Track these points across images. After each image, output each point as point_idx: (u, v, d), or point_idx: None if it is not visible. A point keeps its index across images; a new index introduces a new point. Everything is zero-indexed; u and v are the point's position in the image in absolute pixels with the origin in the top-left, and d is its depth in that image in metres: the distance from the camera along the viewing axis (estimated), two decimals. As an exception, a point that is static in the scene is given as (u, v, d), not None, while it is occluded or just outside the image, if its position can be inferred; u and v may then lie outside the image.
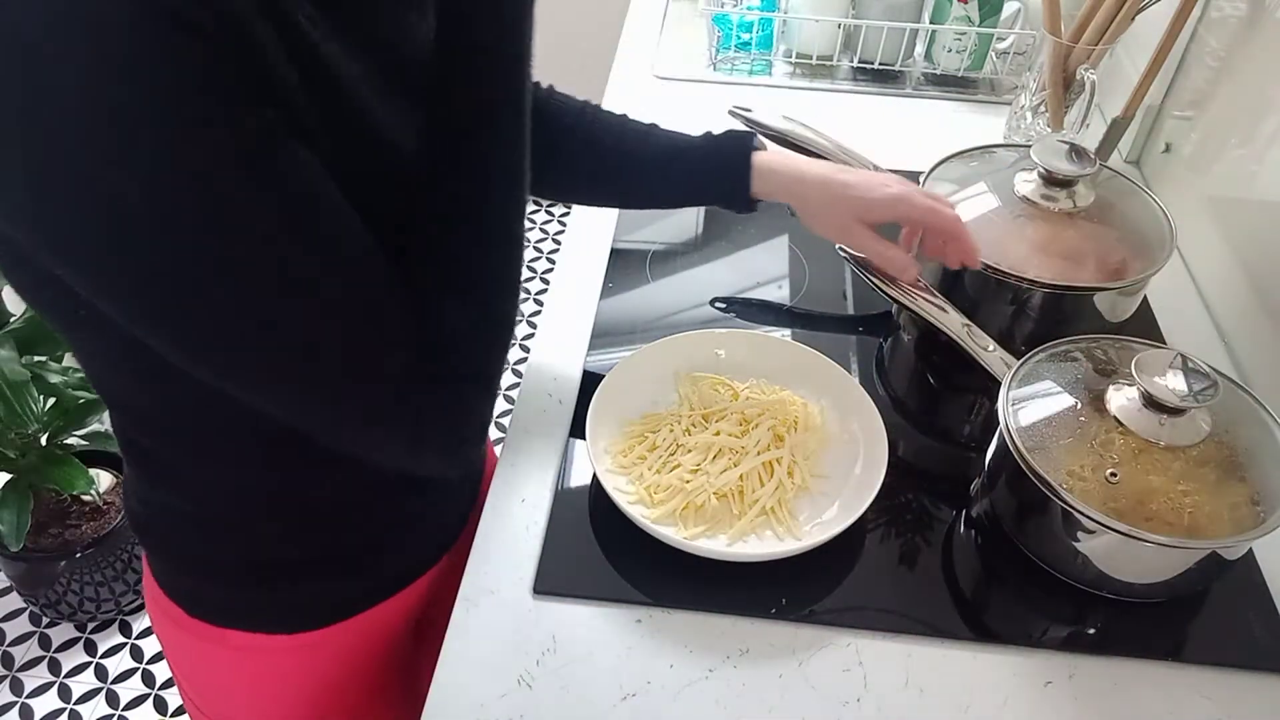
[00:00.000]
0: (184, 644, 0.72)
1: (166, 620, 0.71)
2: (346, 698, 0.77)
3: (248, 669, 0.72)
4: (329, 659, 0.73)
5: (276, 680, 0.73)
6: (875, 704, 0.65)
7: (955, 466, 0.83)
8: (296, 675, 0.73)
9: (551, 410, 0.85)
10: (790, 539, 0.73)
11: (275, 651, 0.70)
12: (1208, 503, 0.64)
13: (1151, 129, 1.15)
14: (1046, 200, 0.85)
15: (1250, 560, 0.73)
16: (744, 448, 0.76)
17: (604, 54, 1.44)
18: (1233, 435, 0.68)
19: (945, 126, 1.26)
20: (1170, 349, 0.71)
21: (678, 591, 0.71)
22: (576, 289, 0.98)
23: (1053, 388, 0.72)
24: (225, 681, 0.74)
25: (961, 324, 0.82)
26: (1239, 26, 0.99)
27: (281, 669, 0.72)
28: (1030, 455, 0.67)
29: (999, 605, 0.72)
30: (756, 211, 0.81)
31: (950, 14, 1.27)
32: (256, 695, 0.74)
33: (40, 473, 1.47)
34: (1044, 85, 1.10)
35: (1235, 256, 0.96)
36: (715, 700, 0.65)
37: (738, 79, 1.34)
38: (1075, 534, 0.67)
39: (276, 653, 0.70)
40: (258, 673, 0.72)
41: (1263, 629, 0.70)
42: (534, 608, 0.70)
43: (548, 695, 0.65)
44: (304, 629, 0.70)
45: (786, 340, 0.89)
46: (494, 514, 0.77)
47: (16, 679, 1.62)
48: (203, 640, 0.70)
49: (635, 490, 0.75)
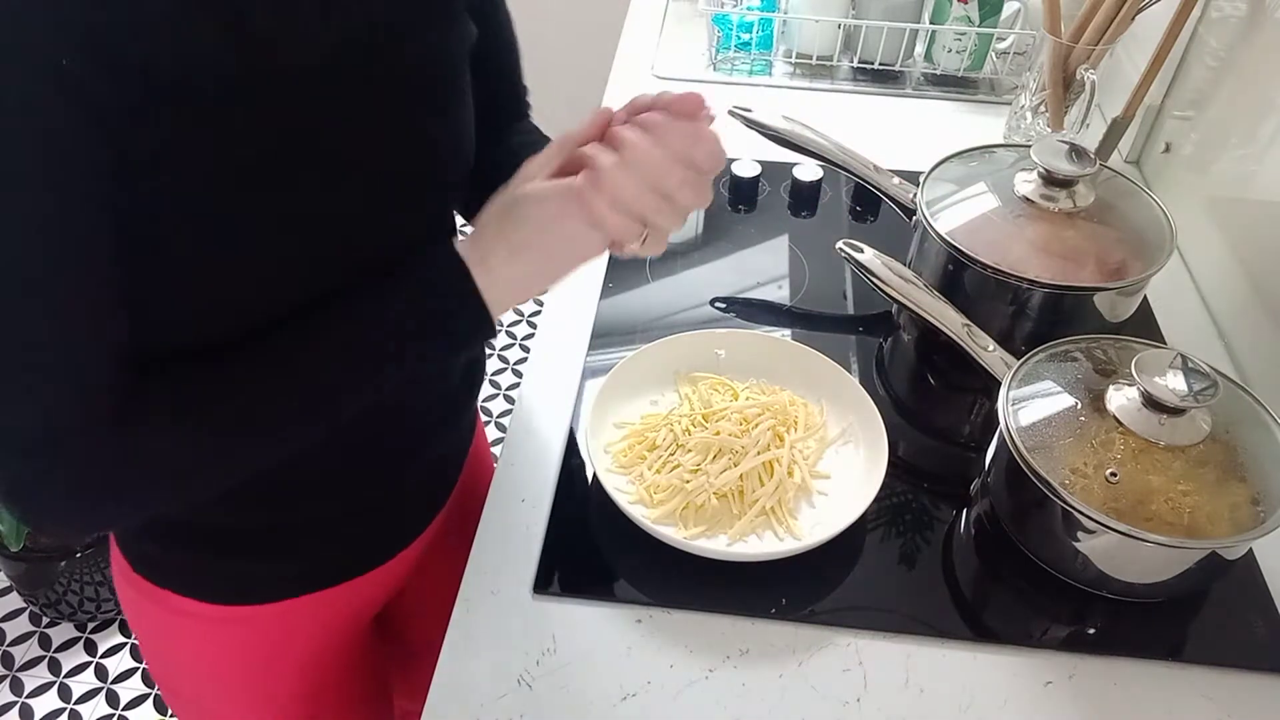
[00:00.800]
0: (145, 613, 0.73)
1: (128, 586, 0.72)
2: (301, 680, 0.77)
3: (201, 638, 0.72)
4: (280, 637, 0.74)
5: (230, 653, 0.74)
6: (875, 704, 0.65)
7: (955, 466, 0.83)
8: (248, 650, 0.74)
9: (551, 411, 0.85)
10: (790, 539, 0.73)
11: (228, 622, 0.71)
12: (1208, 503, 0.64)
13: (1151, 129, 1.15)
14: (1046, 200, 0.85)
15: (1250, 560, 0.73)
16: (744, 448, 0.76)
17: (604, 54, 1.44)
18: (1233, 435, 0.68)
19: (945, 126, 1.26)
20: (1170, 349, 0.71)
21: (678, 591, 0.71)
22: (576, 289, 0.98)
23: (1053, 388, 0.72)
24: (181, 651, 0.74)
25: (961, 324, 0.82)
26: (1239, 26, 0.99)
27: (235, 641, 0.73)
28: (1030, 455, 0.67)
29: (999, 605, 0.72)
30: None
31: (950, 14, 1.27)
32: (212, 668, 0.75)
33: (40, 473, 1.47)
34: (1044, 85, 1.10)
35: (1235, 256, 0.96)
36: (715, 700, 0.65)
37: (738, 79, 1.34)
38: (1075, 534, 0.67)
39: (229, 623, 0.71)
40: (211, 643, 0.73)
41: (1263, 629, 0.70)
42: (534, 608, 0.70)
43: (548, 695, 0.65)
44: (252, 602, 0.71)
45: (786, 340, 0.89)
46: (494, 514, 0.77)
47: (16, 679, 1.62)
48: (159, 607, 0.70)
49: (635, 490, 0.75)
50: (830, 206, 1.11)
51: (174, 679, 0.78)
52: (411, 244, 0.60)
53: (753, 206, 1.11)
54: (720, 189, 1.13)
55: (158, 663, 0.77)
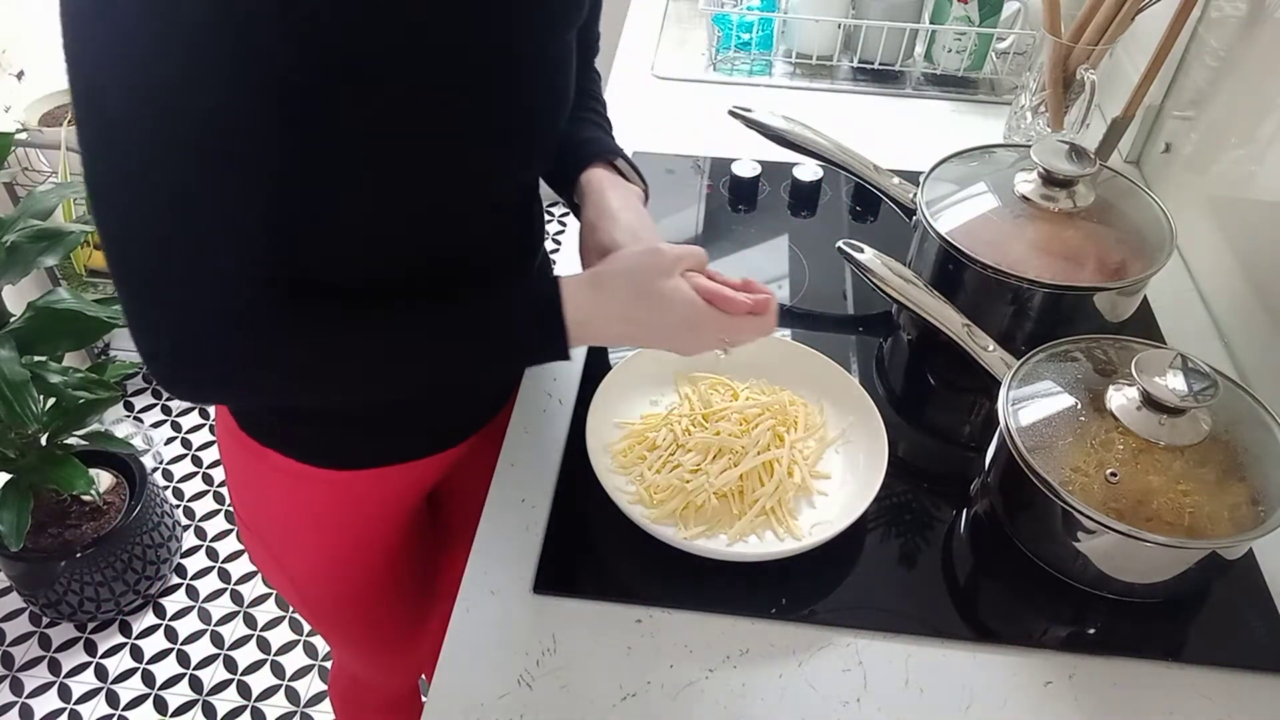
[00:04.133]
0: (244, 464, 0.83)
1: (230, 439, 0.83)
2: (360, 537, 0.88)
3: (289, 489, 0.83)
4: (352, 499, 0.84)
5: (311, 505, 0.84)
6: (875, 704, 0.65)
7: (955, 466, 0.83)
8: (326, 504, 0.84)
9: (551, 410, 0.85)
10: (790, 539, 0.73)
11: (315, 481, 0.81)
12: (1207, 503, 0.64)
13: (1151, 129, 1.15)
14: (1046, 200, 0.85)
15: (1250, 560, 0.73)
16: (744, 448, 0.76)
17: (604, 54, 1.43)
18: (1233, 435, 0.68)
19: (945, 126, 1.26)
20: (1170, 349, 0.71)
21: (678, 591, 0.71)
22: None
23: (1053, 388, 0.72)
24: (270, 498, 0.85)
25: (961, 323, 0.82)
26: (1239, 26, 0.99)
27: (317, 496, 0.83)
28: (1030, 455, 0.67)
29: (999, 605, 0.72)
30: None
31: (950, 14, 1.27)
32: (289, 514, 0.86)
33: (40, 473, 1.47)
34: (1044, 85, 1.10)
35: (1235, 256, 0.96)
36: (715, 700, 0.65)
37: (738, 79, 1.34)
38: (1075, 534, 0.67)
39: (315, 482, 0.81)
40: (298, 494, 0.83)
41: (1263, 629, 0.70)
42: (534, 607, 0.70)
43: (548, 695, 0.65)
44: (339, 468, 0.81)
45: (786, 340, 0.89)
46: (494, 514, 0.77)
47: (16, 679, 1.62)
48: (260, 461, 0.81)
49: (635, 490, 0.75)
50: (830, 206, 1.11)
51: (256, 518, 0.88)
52: (524, 193, 0.77)
53: (753, 206, 1.11)
54: (720, 189, 1.13)
55: (245, 504, 0.88)
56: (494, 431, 0.86)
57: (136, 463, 1.69)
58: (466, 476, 0.93)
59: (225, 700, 1.59)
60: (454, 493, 0.99)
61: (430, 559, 1.01)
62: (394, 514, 0.89)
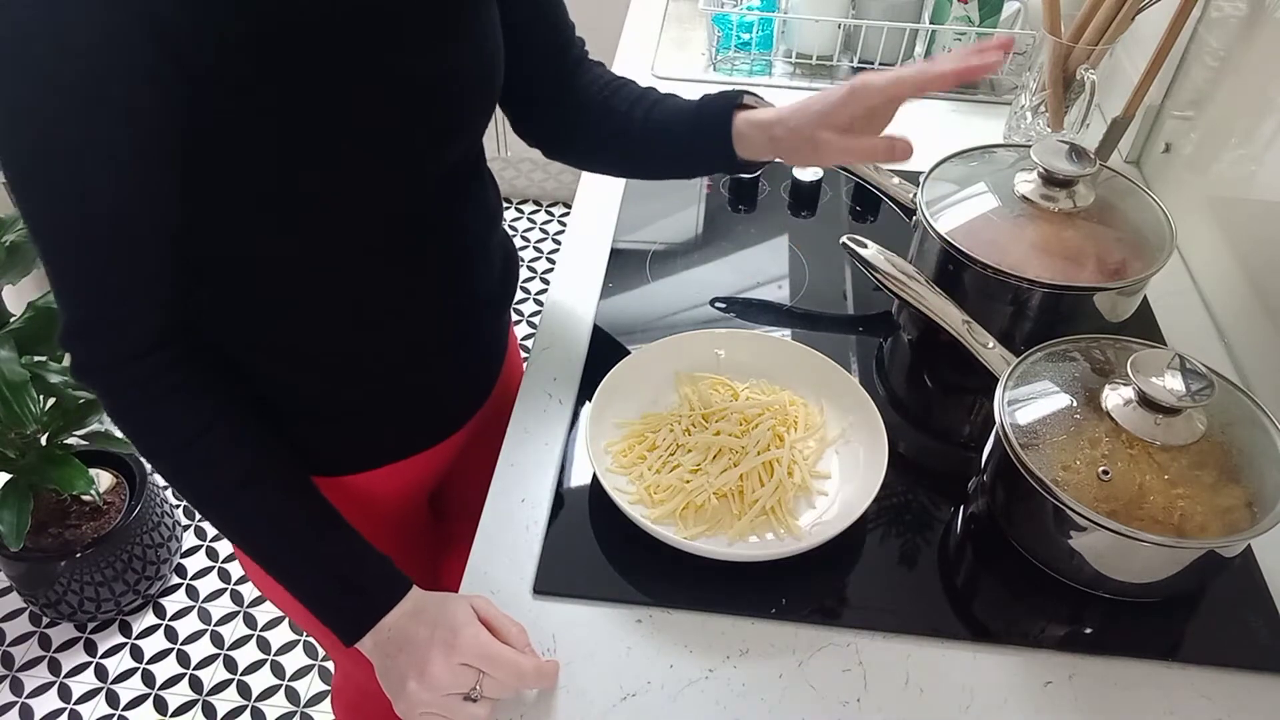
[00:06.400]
0: None
1: None
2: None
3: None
4: (350, 502, 0.80)
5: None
6: (875, 704, 0.65)
7: (955, 466, 0.82)
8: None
9: (551, 410, 0.85)
10: (790, 539, 0.73)
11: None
12: (1202, 503, 0.64)
13: (1151, 129, 1.15)
14: (1046, 200, 0.85)
15: (1249, 560, 0.73)
16: (744, 448, 0.76)
17: (604, 54, 1.43)
18: (1229, 436, 0.68)
19: (945, 126, 1.26)
20: (1167, 349, 0.71)
21: (678, 591, 0.71)
22: (576, 289, 0.98)
23: (1049, 387, 0.72)
24: None
25: (961, 320, 0.82)
26: (1239, 26, 0.99)
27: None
28: (1024, 452, 0.67)
29: (999, 605, 0.72)
30: (765, 169, 0.81)
31: (950, 14, 1.27)
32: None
33: (40, 473, 1.47)
34: (1044, 85, 1.10)
35: (1235, 256, 0.96)
36: (715, 700, 0.65)
37: (738, 79, 1.34)
38: (1068, 531, 0.67)
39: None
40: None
41: (1262, 629, 0.70)
42: (534, 608, 0.70)
43: (548, 695, 0.65)
44: (323, 475, 0.79)
45: (786, 340, 0.89)
46: (494, 514, 0.77)
47: (16, 679, 1.62)
48: None
49: (635, 490, 0.75)
50: (830, 206, 1.11)
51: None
52: (466, 162, 0.76)
53: (753, 206, 1.11)
54: (721, 189, 1.13)
55: None
56: (493, 432, 0.86)
57: (136, 463, 1.69)
58: (466, 477, 0.93)
59: (225, 700, 1.59)
60: (454, 494, 0.98)
61: (430, 561, 1.01)
62: (393, 516, 0.89)
